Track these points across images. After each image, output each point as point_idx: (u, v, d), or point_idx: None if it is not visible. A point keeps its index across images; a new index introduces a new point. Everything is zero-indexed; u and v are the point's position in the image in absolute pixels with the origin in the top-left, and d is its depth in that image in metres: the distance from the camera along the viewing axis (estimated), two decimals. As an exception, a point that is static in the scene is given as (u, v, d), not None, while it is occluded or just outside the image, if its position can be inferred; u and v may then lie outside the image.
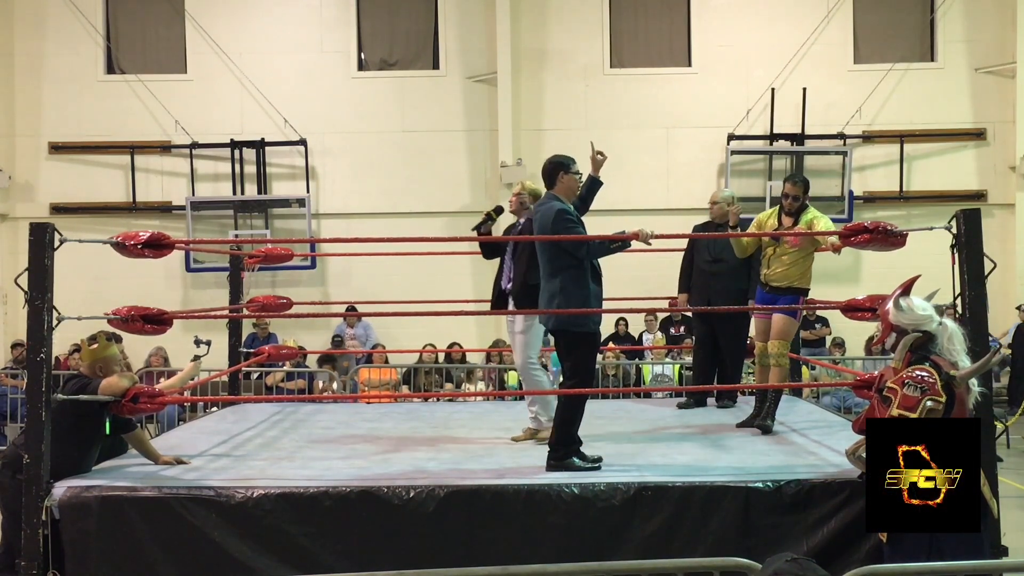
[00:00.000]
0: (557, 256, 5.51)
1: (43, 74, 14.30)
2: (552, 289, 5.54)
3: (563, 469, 5.26)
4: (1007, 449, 10.74)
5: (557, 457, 5.35)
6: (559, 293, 5.50)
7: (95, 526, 4.89)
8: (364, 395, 10.45)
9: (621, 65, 14.46)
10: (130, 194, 14.17)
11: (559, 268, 5.51)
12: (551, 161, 5.73)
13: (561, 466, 5.30)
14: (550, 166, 5.70)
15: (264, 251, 8.56)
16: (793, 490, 4.93)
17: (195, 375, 6.49)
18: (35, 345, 5.03)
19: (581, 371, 5.53)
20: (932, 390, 4.11)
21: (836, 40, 14.24)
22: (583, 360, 5.54)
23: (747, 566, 3.62)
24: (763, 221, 6.67)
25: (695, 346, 7.90)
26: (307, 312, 11.74)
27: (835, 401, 11.00)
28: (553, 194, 5.64)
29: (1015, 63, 13.96)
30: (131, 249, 5.45)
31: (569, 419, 5.42)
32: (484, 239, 6.83)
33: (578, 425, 5.46)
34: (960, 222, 5.24)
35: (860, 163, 14.19)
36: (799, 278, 6.48)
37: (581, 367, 5.53)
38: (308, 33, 14.37)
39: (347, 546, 4.85)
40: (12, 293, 13.01)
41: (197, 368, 6.36)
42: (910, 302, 4.45)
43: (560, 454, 5.36)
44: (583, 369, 5.55)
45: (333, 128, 14.26)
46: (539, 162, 5.90)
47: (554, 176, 5.66)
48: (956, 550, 3.99)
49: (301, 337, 13.08)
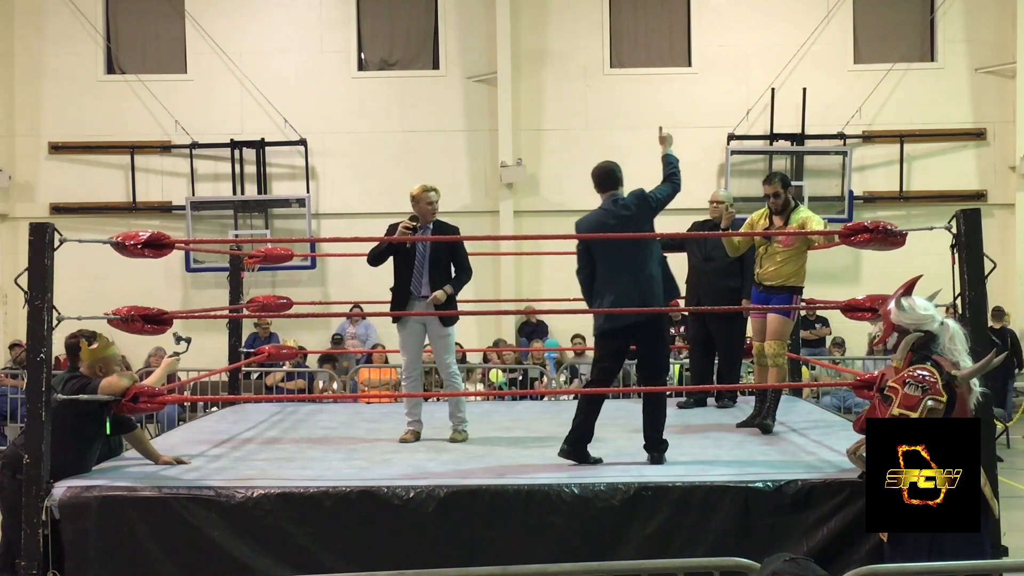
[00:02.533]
0: (648, 244, 5.59)
1: (43, 74, 14.30)
2: (641, 279, 5.53)
3: (663, 463, 5.47)
4: (1007, 449, 10.75)
5: (660, 451, 5.53)
6: (652, 281, 5.55)
7: (95, 526, 4.89)
8: (364, 395, 10.44)
9: (621, 65, 14.46)
10: (130, 194, 14.17)
11: (650, 256, 5.59)
12: (610, 168, 5.74)
13: (662, 459, 5.50)
14: (610, 172, 5.72)
15: (264, 251, 8.56)
16: (793, 490, 4.92)
17: (173, 371, 6.45)
18: (35, 345, 5.02)
19: (665, 364, 5.79)
20: (933, 390, 4.11)
21: (836, 40, 14.24)
22: (667, 352, 5.78)
23: (747, 566, 3.62)
24: (755, 221, 6.69)
25: (691, 346, 7.91)
26: (307, 312, 11.74)
27: (835, 401, 11.00)
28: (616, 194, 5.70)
29: (1015, 63, 13.96)
30: (131, 249, 5.45)
31: (664, 414, 5.61)
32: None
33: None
34: (960, 222, 5.24)
35: (860, 163, 14.19)
36: (792, 276, 6.48)
37: (665, 360, 5.77)
38: (308, 33, 14.36)
39: (347, 546, 4.85)
40: (12, 293, 13.01)
41: (175, 364, 6.28)
42: (912, 302, 4.45)
43: (663, 447, 5.55)
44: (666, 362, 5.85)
45: (333, 128, 14.25)
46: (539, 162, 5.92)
47: (615, 179, 5.71)
48: (956, 550, 3.99)
49: (301, 337, 13.09)
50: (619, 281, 5.54)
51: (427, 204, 6.44)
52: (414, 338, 6.52)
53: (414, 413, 6.49)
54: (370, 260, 6.59)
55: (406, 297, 6.42)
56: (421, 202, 6.44)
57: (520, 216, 14.11)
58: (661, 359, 5.71)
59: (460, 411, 6.48)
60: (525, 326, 13.90)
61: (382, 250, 6.49)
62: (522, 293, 13.57)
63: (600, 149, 13.83)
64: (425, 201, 6.44)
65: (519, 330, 13.92)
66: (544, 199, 14.19)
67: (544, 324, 13.84)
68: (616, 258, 5.57)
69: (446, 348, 6.55)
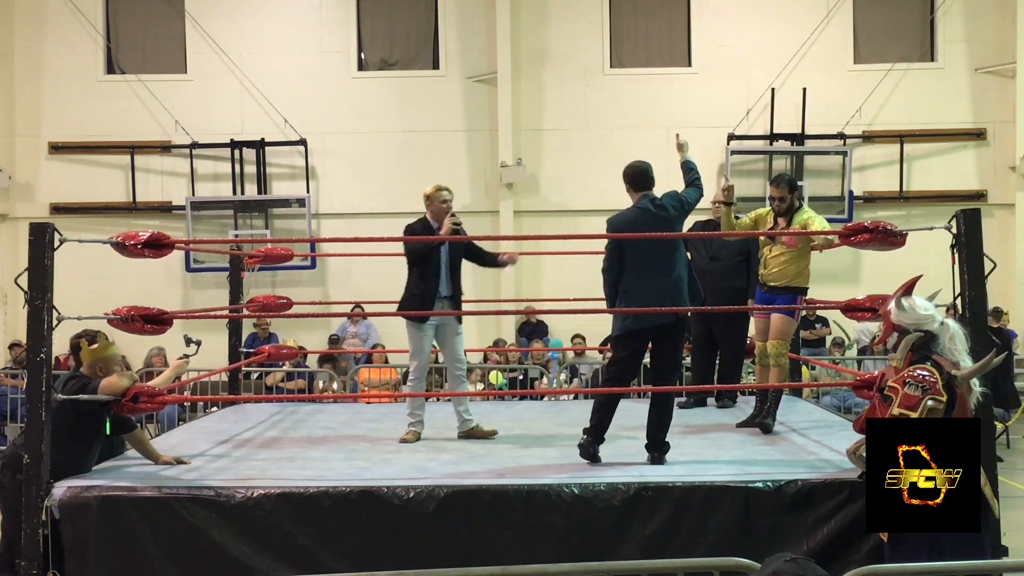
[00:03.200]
0: (680, 245, 5.64)
1: (43, 74, 14.30)
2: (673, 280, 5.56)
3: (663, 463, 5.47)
4: (1007, 449, 10.75)
5: (662, 452, 5.54)
6: (681, 283, 5.58)
7: (95, 526, 4.89)
8: (364, 395, 10.44)
9: (621, 65, 14.46)
10: (130, 194, 14.17)
11: (680, 258, 5.63)
12: (645, 168, 5.78)
13: (663, 459, 5.50)
14: (645, 172, 5.76)
15: (264, 251, 8.56)
16: (793, 490, 4.92)
17: (182, 374, 6.46)
18: (35, 345, 5.02)
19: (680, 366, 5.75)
20: (933, 389, 4.11)
21: (836, 40, 14.24)
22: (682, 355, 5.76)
23: (747, 566, 3.61)
24: (763, 215, 6.66)
25: (693, 346, 7.90)
26: (307, 312, 11.74)
27: (835, 401, 10.99)
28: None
29: (1015, 63, 13.96)
30: (131, 249, 5.45)
31: (671, 416, 5.61)
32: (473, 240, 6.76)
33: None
34: (960, 222, 5.24)
35: (860, 163, 14.19)
36: (795, 277, 6.48)
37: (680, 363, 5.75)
38: (308, 33, 14.36)
39: (347, 546, 4.85)
40: (12, 293, 13.01)
41: (184, 367, 6.31)
42: (912, 302, 4.45)
43: (665, 449, 5.55)
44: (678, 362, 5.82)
45: (333, 128, 14.26)
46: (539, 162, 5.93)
47: (650, 179, 5.75)
48: (956, 550, 3.99)
49: (301, 337, 13.09)
50: (651, 281, 5.51)
51: (441, 203, 6.45)
52: (430, 339, 6.58)
53: (417, 414, 6.50)
54: (415, 261, 6.46)
55: (433, 298, 6.41)
56: (435, 201, 6.47)
57: (520, 216, 14.11)
58: (679, 361, 5.76)
59: (464, 406, 6.56)
60: (525, 326, 13.90)
61: (429, 248, 6.39)
62: (522, 293, 13.57)
63: (600, 149, 13.88)
64: (439, 200, 6.46)
65: (519, 330, 13.92)
66: (544, 199, 14.19)
67: (544, 324, 13.84)
68: (651, 259, 5.55)
69: (461, 345, 6.61)
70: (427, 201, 6.50)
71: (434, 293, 6.40)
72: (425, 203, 6.51)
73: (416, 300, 6.39)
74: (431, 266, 6.39)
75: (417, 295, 6.40)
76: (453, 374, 6.67)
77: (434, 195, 6.48)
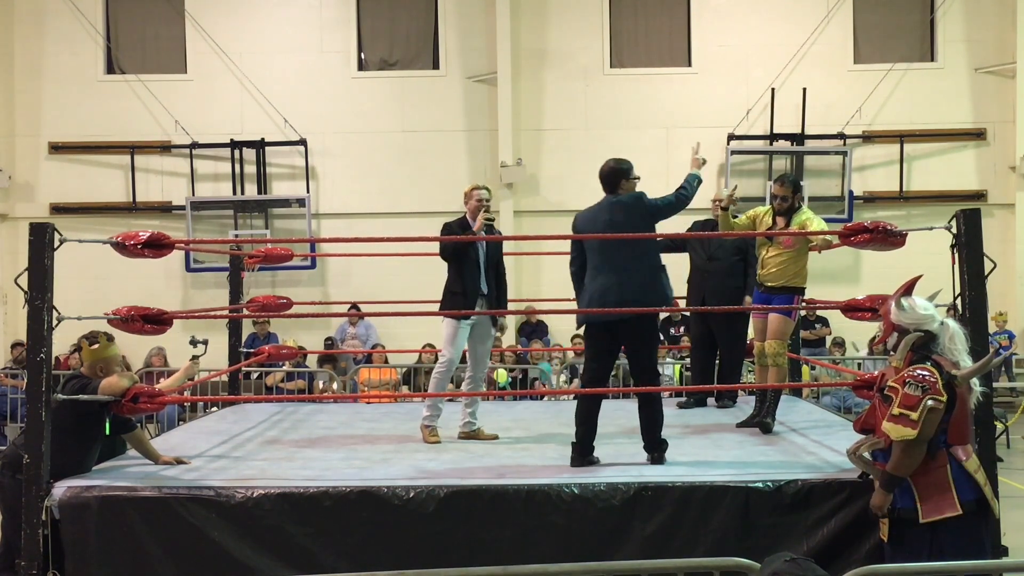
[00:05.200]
0: (636, 245, 5.55)
1: (43, 74, 14.31)
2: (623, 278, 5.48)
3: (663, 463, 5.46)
4: (1007, 449, 10.74)
5: (660, 451, 5.52)
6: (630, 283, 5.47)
7: (95, 526, 4.89)
8: (364, 395, 10.45)
9: (621, 65, 14.46)
10: (130, 194, 14.17)
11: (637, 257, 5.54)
12: (612, 168, 5.66)
13: (663, 459, 5.48)
14: (611, 172, 5.65)
15: (264, 251, 8.56)
16: (793, 490, 4.92)
17: (193, 375, 6.47)
18: (35, 345, 5.02)
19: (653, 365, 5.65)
20: (933, 389, 4.11)
21: (836, 40, 14.24)
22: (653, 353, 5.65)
23: (747, 566, 3.62)
24: (760, 215, 6.66)
25: (692, 346, 7.90)
26: (307, 312, 11.74)
27: (835, 401, 11.00)
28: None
29: (1015, 63, 13.97)
30: (131, 249, 5.45)
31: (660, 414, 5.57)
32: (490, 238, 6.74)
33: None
34: (960, 222, 5.24)
35: (860, 163, 14.20)
36: (793, 277, 6.48)
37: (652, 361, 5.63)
38: (308, 33, 14.37)
39: (347, 546, 4.85)
40: (12, 293, 13.01)
41: (195, 368, 6.34)
42: (912, 302, 4.45)
43: (663, 447, 5.52)
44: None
45: (333, 128, 14.26)
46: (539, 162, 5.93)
47: (616, 182, 5.65)
48: (956, 550, 3.99)
49: (301, 337, 13.09)
50: (597, 280, 5.54)
51: (477, 201, 6.49)
52: (466, 336, 6.53)
53: (438, 407, 6.50)
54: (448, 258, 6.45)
55: (475, 296, 6.42)
56: (471, 199, 6.51)
57: (520, 216, 14.12)
58: (646, 360, 5.58)
59: (474, 408, 6.58)
60: (525, 326, 13.90)
61: (464, 245, 6.38)
62: (522, 293, 13.56)
63: (600, 149, 13.78)
64: (474, 198, 6.51)
65: (519, 330, 13.92)
66: (544, 199, 14.20)
67: (544, 324, 13.84)
68: (602, 255, 5.57)
69: (489, 350, 6.68)
70: (465, 198, 6.58)
71: (476, 290, 6.41)
72: (465, 200, 6.58)
73: (459, 298, 6.37)
74: (468, 263, 6.40)
75: (458, 293, 6.41)
76: (474, 376, 6.66)
77: (471, 192, 6.55)
